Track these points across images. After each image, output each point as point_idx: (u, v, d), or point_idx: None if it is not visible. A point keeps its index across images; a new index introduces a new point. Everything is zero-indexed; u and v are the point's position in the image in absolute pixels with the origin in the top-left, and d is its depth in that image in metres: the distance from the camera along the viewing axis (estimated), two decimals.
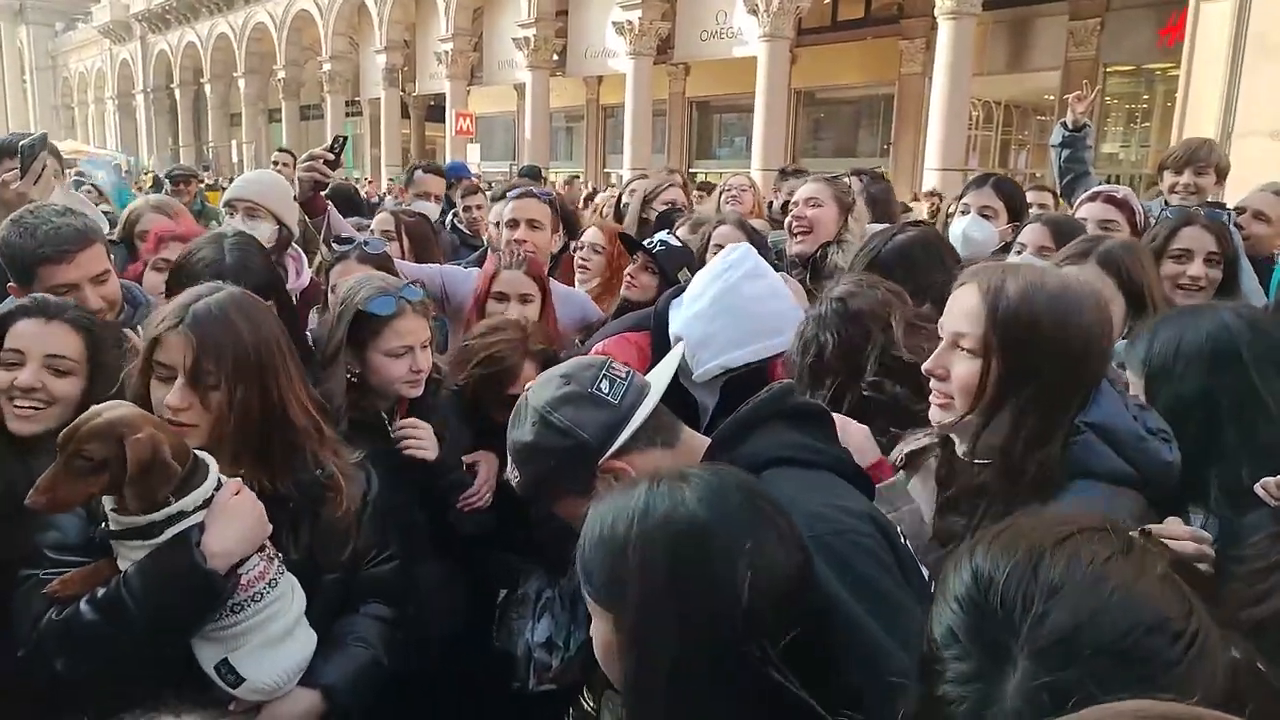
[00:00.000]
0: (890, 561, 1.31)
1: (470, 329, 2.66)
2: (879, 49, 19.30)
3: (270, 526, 1.67)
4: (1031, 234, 2.93)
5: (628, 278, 3.03)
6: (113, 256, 2.54)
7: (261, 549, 1.66)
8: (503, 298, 2.83)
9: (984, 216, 3.40)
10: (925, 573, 1.44)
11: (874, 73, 19.67)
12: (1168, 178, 3.91)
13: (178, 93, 36.86)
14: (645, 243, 3.06)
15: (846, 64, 19.97)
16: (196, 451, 1.62)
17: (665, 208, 4.21)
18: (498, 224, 3.87)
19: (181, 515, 1.56)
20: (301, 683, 1.70)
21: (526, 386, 2.37)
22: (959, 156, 14.65)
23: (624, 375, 1.53)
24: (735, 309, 2.19)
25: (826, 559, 1.22)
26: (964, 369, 1.53)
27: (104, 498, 1.57)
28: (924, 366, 1.61)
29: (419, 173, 5.68)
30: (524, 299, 2.83)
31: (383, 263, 2.85)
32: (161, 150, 37.91)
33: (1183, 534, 1.43)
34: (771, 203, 6.04)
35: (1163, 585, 0.76)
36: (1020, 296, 1.48)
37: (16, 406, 1.85)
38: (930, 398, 1.62)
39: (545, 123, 22.10)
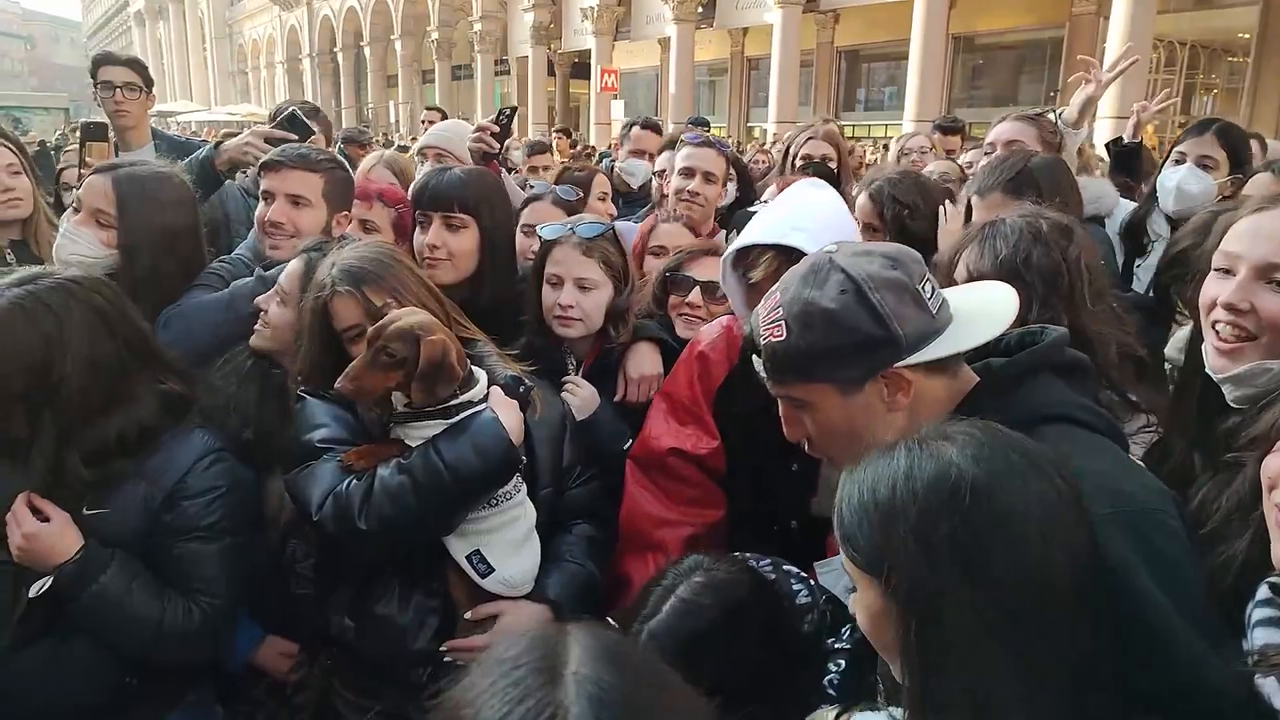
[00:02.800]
0: (1192, 553, 1.18)
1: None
2: None
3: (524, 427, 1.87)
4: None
5: None
6: None
7: None
8: (661, 252, 2.78)
9: (1203, 167, 3.10)
10: None
11: (1042, 13, 18.37)
12: None
13: (340, 56, 38.74)
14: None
15: (1011, 5, 18.75)
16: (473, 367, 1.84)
17: (802, 163, 3.76)
18: (662, 173, 3.84)
19: (470, 404, 1.78)
20: (530, 596, 1.88)
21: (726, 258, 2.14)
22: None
23: (936, 286, 1.34)
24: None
25: (1131, 542, 1.10)
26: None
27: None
28: (1223, 299, 1.43)
29: (635, 129, 5.11)
30: None
31: (575, 208, 2.94)
32: (326, 111, 39.95)
33: None
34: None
35: None
36: None
37: (257, 326, 2.15)
38: (1212, 341, 1.47)
39: (689, 77, 21.92)
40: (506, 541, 1.84)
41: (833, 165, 3.70)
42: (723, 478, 2.11)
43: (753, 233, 1.92)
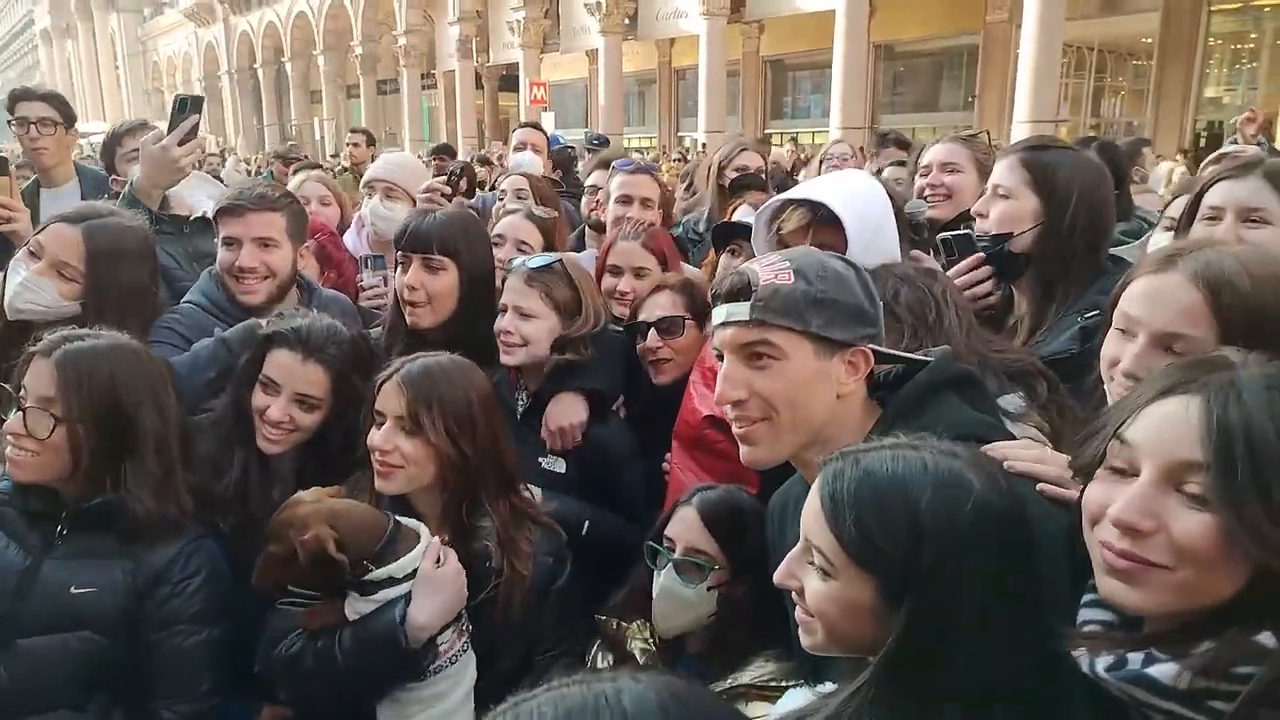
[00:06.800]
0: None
1: None
2: None
3: (466, 595, 1.78)
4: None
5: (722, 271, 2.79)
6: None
7: (457, 618, 1.77)
8: (616, 271, 2.72)
9: None
10: None
11: (957, 22, 18.97)
12: None
13: (260, 73, 37.88)
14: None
15: (928, 14, 19.29)
16: (402, 520, 1.77)
17: (736, 174, 3.82)
18: (593, 190, 3.87)
19: (392, 580, 1.71)
20: None
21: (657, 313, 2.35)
22: (1050, 107, 14.07)
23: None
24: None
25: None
26: None
27: None
28: (1123, 368, 1.39)
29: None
30: (638, 273, 2.69)
31: (546, 226, 2.94)
32: (247, 130, 39.09)
33: None
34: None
35: None
36: (1251, 284, 1.30)
37: (268, 431, 2.04)
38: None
39: (618, 88, 22.03)
40: None
41: (762, 175, 3.88)
42: None
43: (788, 193, 2.06)
